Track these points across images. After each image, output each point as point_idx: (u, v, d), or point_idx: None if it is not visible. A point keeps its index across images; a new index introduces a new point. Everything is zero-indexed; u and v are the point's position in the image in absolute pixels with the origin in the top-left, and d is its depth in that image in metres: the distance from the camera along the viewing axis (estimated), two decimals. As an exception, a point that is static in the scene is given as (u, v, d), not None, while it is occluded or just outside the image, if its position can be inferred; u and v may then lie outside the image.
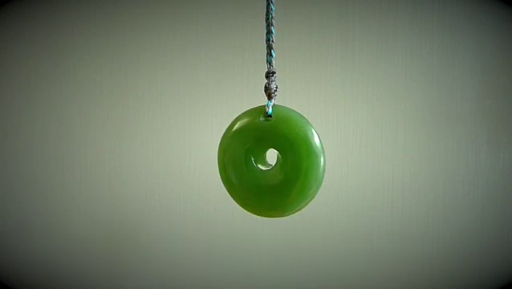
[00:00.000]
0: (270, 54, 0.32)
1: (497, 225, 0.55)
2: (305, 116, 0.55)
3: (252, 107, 0.35)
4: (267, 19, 0.32)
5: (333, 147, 0.55)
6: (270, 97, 0.33)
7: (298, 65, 0.55)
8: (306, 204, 0.34)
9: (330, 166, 0.56)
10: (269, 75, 0.32)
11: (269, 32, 0.32)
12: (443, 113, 0.55)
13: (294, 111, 0.34)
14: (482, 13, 0.54)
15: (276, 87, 0.32)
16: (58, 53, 0.56)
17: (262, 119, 0.32)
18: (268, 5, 0.32)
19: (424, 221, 0.55)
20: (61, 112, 0.57)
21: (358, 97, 0.55)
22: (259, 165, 0.33)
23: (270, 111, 0.32)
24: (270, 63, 0.32)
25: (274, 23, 0.32)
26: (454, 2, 0.54)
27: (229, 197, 0.33)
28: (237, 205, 0.35)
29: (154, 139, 0.56)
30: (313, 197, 0.33)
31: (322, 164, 0.33)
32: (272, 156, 0.34)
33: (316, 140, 0.33)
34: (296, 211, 0.33)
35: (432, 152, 0.55)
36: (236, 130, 0.32)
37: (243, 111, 0.34)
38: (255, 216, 0.35)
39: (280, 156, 0.33)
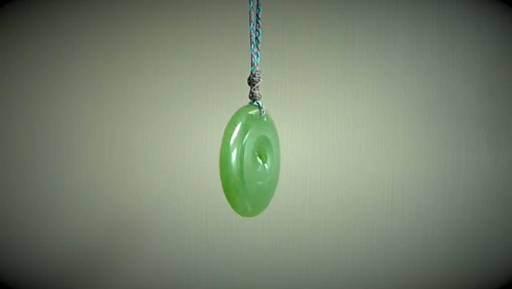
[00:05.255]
0: (256, 55, 0.33)
1: (497, 225, 0.55)
2: (305, 115, 0.55)
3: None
4: (251, 20, 0.33)
5: (333, 146, 0.55)
6: (258, 99, 0.33)
7: (298, 65, 0.55)
8: None
9: (330, 166, 0.56)
10: (256, 76, 0.33)
11: (256, 31, 0.33)
12: (443, 113, 0.55)
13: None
14: (482, 13, 0.54)
15: (260, 95, 0.33)
16: (58, 53, 0.56)
17: (259, 118, 0.33)
18: (253, 5, 0.32)
19: (424, 222, 0.55)
20: (61, 112, 0.57)
21: (358, 97, 0.55)
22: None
23: (265, 112, 0.33)
24: (257, 64, 0.33)
25: (260, 24, 0.32)
26: (454, 2, 0.54)
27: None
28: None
29: (154, 138, 0.56)
30: None
31: None
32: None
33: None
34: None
35: (432, 152, 0.55)
36: (242, 131, 0.32)
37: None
38: (240, 216, 0.35)
39: (263, 154, 0.34)
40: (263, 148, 0.34)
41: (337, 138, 0.55)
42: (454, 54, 0.54)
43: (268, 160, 0.34)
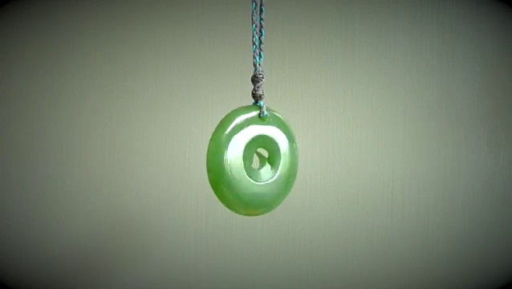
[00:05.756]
0: (259, 56, 0.33)
1: (497, 225, 0.55)
2: (305, 115, 0.55)
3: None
4: (254, 20, 0.33)
5: (333, 146, 0.55)
6: (260, 98, 0.33)
7: (298, 65, 0.55)
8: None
9: (330, 166, 0.56)
10: (259, 75, 0.33)
11: (257, 33, 0.33)
12: (443, 113, 0.55)
13: (273, 109, 0.35)
14: (482, 13, 0.54)
15: (263, 92, 0.33)
16: (58, 53, 0.56)
17: (257, 119, 0.33)
18: (256, 6, 0.32)
19: (424, 222, 0.55)
20: (61, 112, 0.57)
21: (358, 97, 0.55)
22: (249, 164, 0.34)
23: (265, 112, 0.33)
24: (259, 64, 0.33)
25: (263, 24, 0.32)
26: (454, 2, 0.54)
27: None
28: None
29: (154, 138, 0.56)
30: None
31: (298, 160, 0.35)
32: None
33: (294, 136, 0.35)
34: (277, 206, 0.35)
35: (433, 153, 0.55)
36: (232, 130, 0.33)
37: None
38: (245, 216, 0.35)
39: (265, 154, 0.34)
40: (269, 149, 0.34)
41: (337, 138, 0.55)
42: (454, 54, 0.54)
43: (276, 161, 0.34)
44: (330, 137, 0.55)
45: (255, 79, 0.33)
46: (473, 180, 0.55)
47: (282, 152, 0.34)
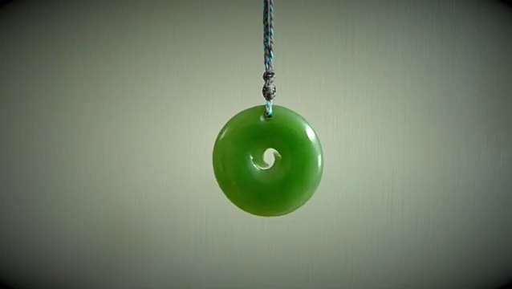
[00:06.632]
0: (269, 56, 0.33)
1: (497, 225, 0.55)
2: (305, 115, 0.55)
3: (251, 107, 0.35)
4: (265, 20, 0.33)
5: (333, 146, 0.55)
6: (269, 97, 0.33)
7: (298, 65, 0.55)
8: (305, 201, 0.34)
9: (330, 166, 0.56)
10: (268, 75, 0.33)
11: (267, 33, 0.33)
12: (443, 113, 0.55)
13: (291, 110, 0.34)
14: (482, 13, 0.54)
15: (274, 89, 0.33)
16: (58, 53, 0.56)
17: (261, 119, 0.33)
18: (266, 5, 0.32)
19: (424, 222, 0.55)
20: (61, 112, 0.57)
21: (358, 97, 0.55)
22: (257, 165, 0.33)
23: (270, 111, 0.33)
24: (268, 64, 0.33)
25: (273, 24, 0.33)
26: (454, 2, 0.54)
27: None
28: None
29: (154, 138, 0.56)
30: (311, 194, 0.34)
31: (320, 162, 0.34)
32: (268, 154, 0.34)
33: (315, 138, 0.33)
34: (295, 209, 0.34)
35: (433, 152, 0.55)
36: (235, 130, 0.33)
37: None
38: (253, 216, 0.35)
39: (280, 155, 0.33)
40: (281, 148, 0.33)
41: (337, 138, 0.55)
42: (454, 54, 0.54)
43: (287, 160, 0.33)
44: (330, 137, 0.55)
45: (264, 78, 0.33)
46: (473, 180, 0.55)
47: (291, 153, 0.33)
